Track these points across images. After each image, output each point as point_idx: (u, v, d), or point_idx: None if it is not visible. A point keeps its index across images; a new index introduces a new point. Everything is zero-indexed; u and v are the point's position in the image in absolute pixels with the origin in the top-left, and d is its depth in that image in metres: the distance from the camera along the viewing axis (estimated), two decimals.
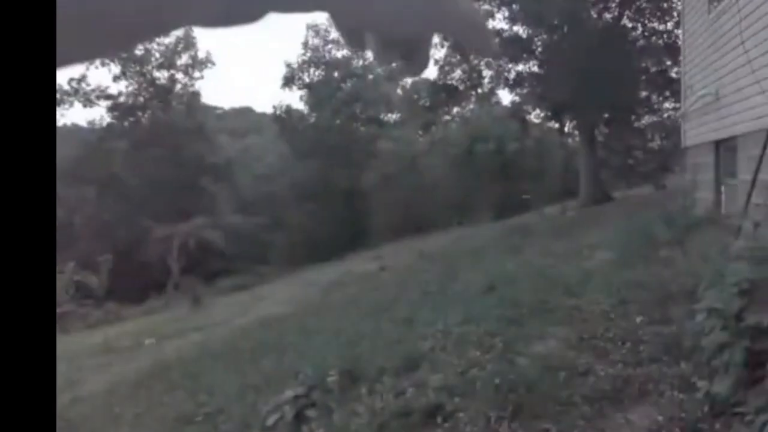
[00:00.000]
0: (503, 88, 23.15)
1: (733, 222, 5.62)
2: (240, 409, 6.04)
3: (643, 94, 21.47)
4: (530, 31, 20.21)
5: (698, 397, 3.40)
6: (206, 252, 28.70)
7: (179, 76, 39.46)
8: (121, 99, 37.29)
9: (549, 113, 23.45)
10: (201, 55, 39.47)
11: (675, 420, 3.32)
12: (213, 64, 39.71)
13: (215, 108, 52.57)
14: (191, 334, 13.11)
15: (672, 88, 18.79)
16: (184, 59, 39.21)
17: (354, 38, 0.46)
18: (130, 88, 38.61)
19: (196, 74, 39.67)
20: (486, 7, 20.08)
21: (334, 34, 41.11)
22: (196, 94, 40.06)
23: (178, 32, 38.81)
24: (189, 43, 39.14)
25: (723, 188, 9.04)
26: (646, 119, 23.63)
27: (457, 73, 21.76)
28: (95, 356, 11.87)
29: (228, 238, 31.42)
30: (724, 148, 8.99)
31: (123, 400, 7.97)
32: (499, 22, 20.42)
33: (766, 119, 6.18)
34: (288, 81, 40.66)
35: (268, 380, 6.64)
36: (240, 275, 26.22)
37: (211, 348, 10.17)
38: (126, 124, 37.34)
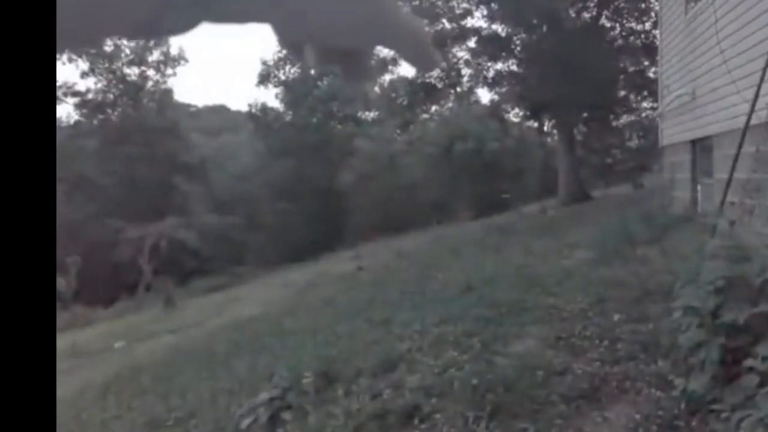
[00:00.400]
0: (482, 87, 23.26)
1: (709, 220, 5.71)
2: (213, 413, 5.96)
3: (622, 93, 21.77)
4: (509, 30, 20.34)
5: (675, 394, 3.44)
6: (179, 253, 28.38)
7: (151, 72, 38.94)
8: (90, 96, 36.66)
9: (528, 112, 23.63)
10: (173, 51, 39.02)
11: (652, 418, 3.35)
12: (186, 61, 39.30)
13: (189, 106, 52.06)
14: (163, 337, 12.93)
15: (650, 87, 19.08)
16: (155, 56, 38.70)
17: (295, 49, 0.46)
18: (99, 85, 37.97)
19: (169, 71, 39.19)
20: (464, 5, 20.20)
21: None
22: (168, 92, 39.57)
23: None
24: (160, 39, 38.64)
25: (699, 187, 9.20)
26: (625, 119, 23.99)
27: (435, 71, 21.77)
28: (62, 361, 11.62)
29: (202, 238, 31.12)
30: (701, 148, 9.14)
31: (91, 405, 7.82)
32: (477, 20, 20.56)
33: (741, 119, 6.28)
34: (263, 79, 40.41)
35: (242, 383, 6.57)
36: (214, 276, 25.99)
37: (183, 350, 10.04)
38: (95, 122, 36.73)
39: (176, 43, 41.81)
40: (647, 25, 19.65)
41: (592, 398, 3.81)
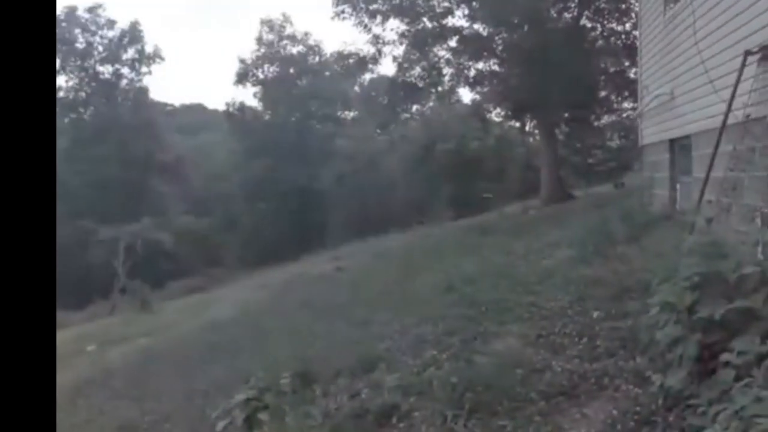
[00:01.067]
0: (463, 87, 23.34)
1: (687, 218, 5.81)
2: (187, 416, 5.93)
3: (602, 93, 22.03)
4: (490, 30, 20.46)
5: (653, 390, 3.49)
6: (155, 254, 28.05)
7: (125, 70, 38.51)
8: (61, 94, 36.08)
9: (509, 112, 23.79)
10: (148, 49, 38.65)
11: (630, 413, 3.40)
12: (162, 59, 38.93)
13: (165, 104, 51.64)
14: (138, 340, 12.79)
15: (630, 88, 19.33)
16: (130, 53, 38.27)
17: None
18: (71, 83, 37.44)
19: (144, 69, 38.79)
20: (445, 4, 20.28)
21: (289, 29, 40.89)
22: (143, 90, 39.13)
23: (123, 25, 37.89)
24: (135, 37, 38.22)
25: (678, 185, 9.34)
26: (606, 119, 24.28)
27: (416, 70, 21.78)
28: None
29: (178, 239, 30.81)
30: (679, 147, 9.29)
31: (60, 410, 7.68)
32: (458, 19, 20.62)
33: (719, 118, 6.40)
34: (241, 77, 40.18)
35: (218, 384, 6.53)
36: (191, 277, 25.80)
37: (158, 353, 9.94)
38: (67, 120, 36.16)
39: (152, 40, 41.44)
40: (628, 26, 19.91)
41: (570, 395, 3.85)
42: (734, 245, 4.11)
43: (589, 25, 20.84)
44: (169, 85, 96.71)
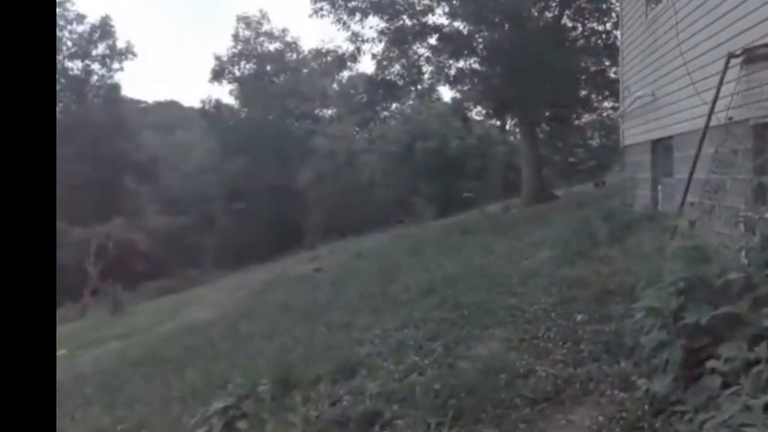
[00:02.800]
0: (444, 85, 23.39)
1: (669, 220, 5.86)
2: (163, 423, 5.82)
3: (583, 93, 22.23)
4: (471, 28, 20.50)
5: (638, 395, 3.50)
6: (128, 255, 27.64)
7: (95, 66, 37.84)
8: None
9: (491, 111, 23.89)
10: (120, 44, 37.98)
11: (616, 419, 3.40)
12: (134, 55, 38.29)
13: (138, 102, 50.95)
14: (110, 343, 12.58)
15: (611, 87, 19.55)
16: (100, 49, 37.60)
17: None
18: None
19: (115, 65, 38.14)
20: (425, 1, 20.28)
21: (266, 26, 40.60)
22: (115, 87, 38.48)
23: (93, 19, 37.24)
24: (106, 32, 37.58)
25: (660, 187, 9.45)
26: (586, 118, 24.53)
27: (396, 68, 21.74)
28: None
29: (153, 239, 30.41)
30: (661, 148, 9.40)
31: None
32: (438, 17, 20.63)
33: (701, 120, 6.47)
34: (217, 74, 39.86)
35: (195, 391, 6.43)
36: (166, 278, 25.47)
37: (132, 357, 9.78)
38: None
39: (124, 36, 40.84)
40: (608, 26, 20.12)
41: (555, 401, 3.85)
42: (718, 249, 4.14)
43: (570, 24, 21.00)
44: (142, 82, 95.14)
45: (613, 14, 18.93)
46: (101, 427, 6.23)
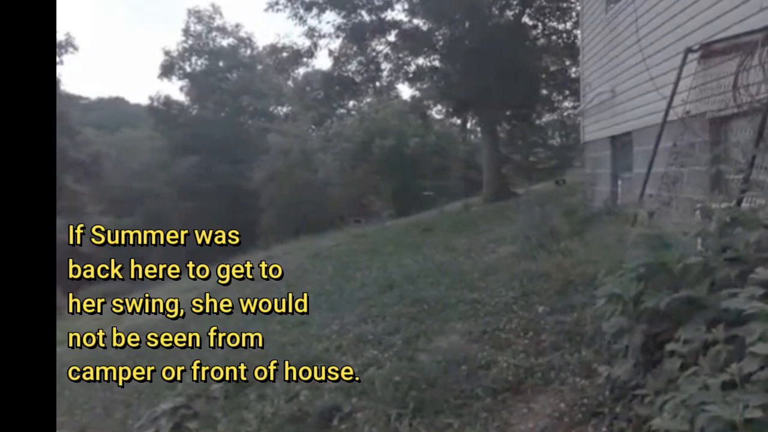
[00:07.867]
0: (403, 82, 23.48)
1: (629, 213, 6.02)
2: (106, 428, 5.66)
3: (544, 92, 22.67)
4: (431, 25, 20.65)
5: (599, 382, 3.57)
6: (68, 257, 26.78)
7: None
8: None
9: (451, 109, 24.13)
10: (60, 37, 36.72)
11: (577, 406, 3.46)
12: (75, 48, 37.05)
13: (79, 98, 49.57)
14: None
15: (571, 86, 20.02)
16: None
17: None
18: None
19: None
20: None
21: (219, 20, 40.04)
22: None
23: None
24: None
25: (619, 181, 9.71)
26: (547, 117, 25.03)
27: (354, 64, 21.72)
28: None
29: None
30: (620, 143, 9.65)
31: None
32: (398, 13, 20.71)
33: (659, 115, 6.67)
34: (167, 70, 39.14)
35: (141, 393, 6.28)
36: (110, 281, 24.76)
37: (71, 363, 9.46)
38: None
39: (63, 28, 39.71)
40: (569, 25, 20.59)
41: (517, 390, 3.90)
42: (677, 236, 4.27)
43: (530, 23, 21.38)
44: (84, 77, 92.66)
45: (574, 14, 19.38)
46: None
